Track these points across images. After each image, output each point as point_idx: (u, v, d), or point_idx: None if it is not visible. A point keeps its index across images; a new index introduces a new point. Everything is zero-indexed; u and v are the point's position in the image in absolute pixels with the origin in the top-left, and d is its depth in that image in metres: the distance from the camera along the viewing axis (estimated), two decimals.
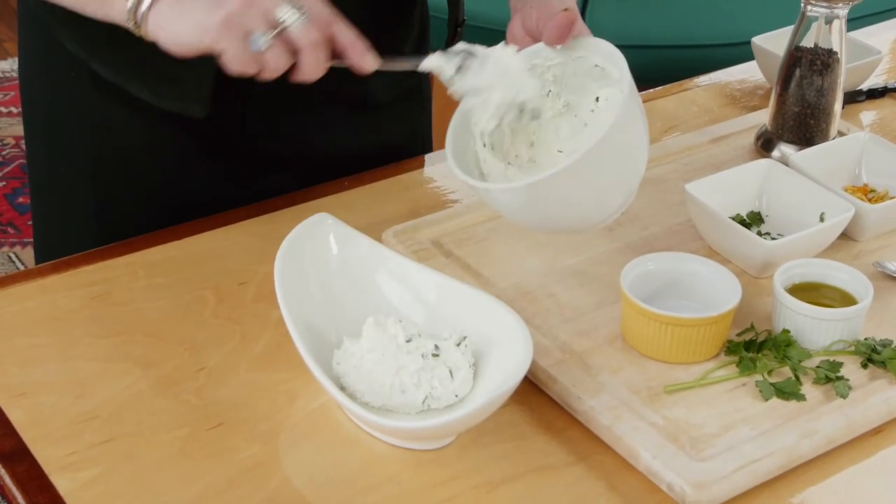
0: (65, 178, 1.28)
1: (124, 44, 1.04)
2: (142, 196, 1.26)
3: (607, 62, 1.04)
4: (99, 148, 1.24)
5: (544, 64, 1.07)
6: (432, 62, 1.04)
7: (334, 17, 0.99)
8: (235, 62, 0.97)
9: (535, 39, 1.07)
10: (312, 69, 0.99)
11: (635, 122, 1.01)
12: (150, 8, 0.98)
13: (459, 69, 1.03)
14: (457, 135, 1.06)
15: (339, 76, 1.01)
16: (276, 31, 0.97)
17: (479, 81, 1.04)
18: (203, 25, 0.97)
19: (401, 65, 1.06)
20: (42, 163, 1.31)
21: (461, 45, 1.04)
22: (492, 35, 1.13)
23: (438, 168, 1.31)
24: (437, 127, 1.40)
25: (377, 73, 1.02)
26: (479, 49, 1.04)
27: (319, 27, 0.98)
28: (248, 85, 1.02)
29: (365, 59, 1.00)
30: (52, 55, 1.23)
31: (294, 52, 0.98)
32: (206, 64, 1.01)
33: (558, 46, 1.05)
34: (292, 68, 0.99)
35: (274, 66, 0.98)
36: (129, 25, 1.00)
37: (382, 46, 1.02)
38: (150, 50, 1.00)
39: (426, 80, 1.37)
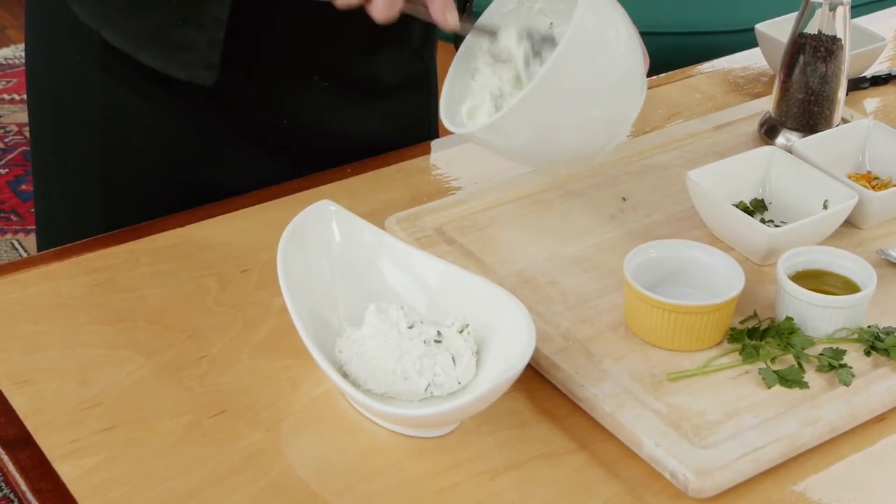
0: (71, 164, 1.28)
1: (137, 11, 1.03)
2: (147, 182, 1.26)
3: None
4: (105, 133, 1.24)
5: None
6: (510, 41, 1.03)
7: None
8: None
9: None
10: (385, 9, 0.97)
11: (605, 22, 0.99)
12: None
13: (532, 56, 1.02)
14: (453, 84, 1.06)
15: (349, 57, 1.00)
16: None
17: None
18: None
19: (476, 31, 1.04)
20: (47, 148, 1.31)
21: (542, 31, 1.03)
22: None
23: (441, 155, 1.31)
24: None
25: (385, 56, 1.00)
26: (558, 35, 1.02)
27: None
28: (253, 55, 0.99)
29: (448, 16, 0.99)
30: (59, 38, 1.23)
31: None
32: (218, 28, 0.98)
33: None
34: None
35: None
36: None
37: (388, 28, 1.01)
38: (163, 16, 0.98)
39: (433, 66, 1.37)
